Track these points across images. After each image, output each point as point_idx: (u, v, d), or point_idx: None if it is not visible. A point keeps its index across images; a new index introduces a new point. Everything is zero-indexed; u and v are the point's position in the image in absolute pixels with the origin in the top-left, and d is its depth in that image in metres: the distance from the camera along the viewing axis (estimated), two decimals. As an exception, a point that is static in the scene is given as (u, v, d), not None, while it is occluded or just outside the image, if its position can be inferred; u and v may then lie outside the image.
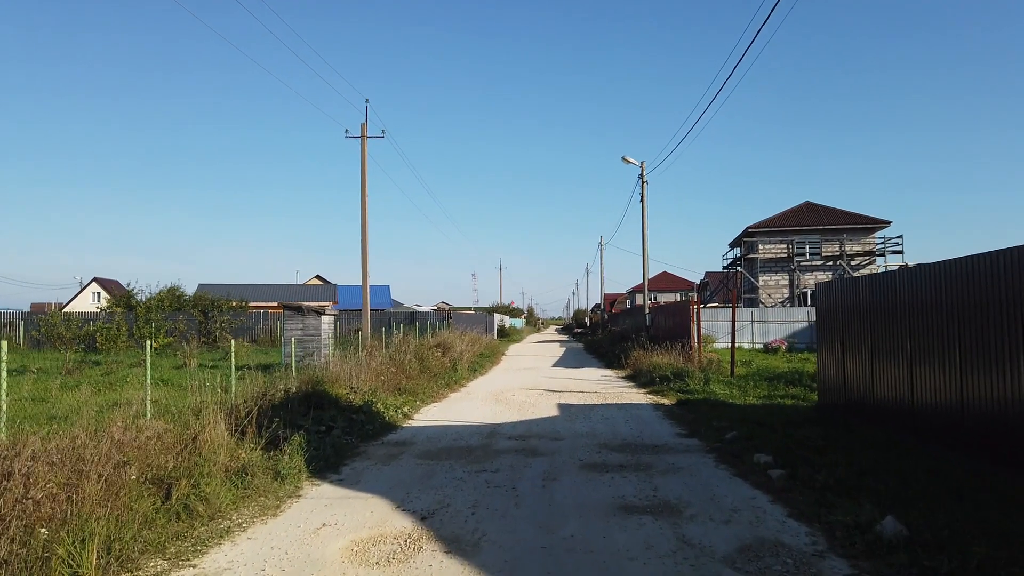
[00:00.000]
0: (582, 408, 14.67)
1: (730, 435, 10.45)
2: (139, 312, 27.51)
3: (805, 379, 17.75)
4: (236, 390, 11.80)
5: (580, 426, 12.13)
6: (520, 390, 18.36)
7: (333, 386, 12.88)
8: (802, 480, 7.57)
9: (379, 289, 72.20)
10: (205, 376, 17.29)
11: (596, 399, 16.34)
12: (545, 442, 10.57)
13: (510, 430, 11.79)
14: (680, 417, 13.27)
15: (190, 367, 24.86)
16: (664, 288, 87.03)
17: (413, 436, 11.25)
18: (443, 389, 18.04)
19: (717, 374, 18.81)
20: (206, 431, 8.48)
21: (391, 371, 16.33)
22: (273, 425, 9.41)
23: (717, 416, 12.68)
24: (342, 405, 12.03)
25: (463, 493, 7.43)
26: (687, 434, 11.31)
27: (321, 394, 11.99)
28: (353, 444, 10.29)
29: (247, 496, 7.22)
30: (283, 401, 11.46)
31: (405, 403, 14.45)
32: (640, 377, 20.74)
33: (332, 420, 11.04)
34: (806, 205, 47.86)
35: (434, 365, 19.79)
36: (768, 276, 45.79)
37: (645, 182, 31.12)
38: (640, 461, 9.06)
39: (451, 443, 10.58)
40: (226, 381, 12.10)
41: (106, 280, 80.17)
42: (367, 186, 28.67)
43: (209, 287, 52.99)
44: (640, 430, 11.68)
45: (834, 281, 12.67)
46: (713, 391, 16.52)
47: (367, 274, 29.73)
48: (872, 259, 44.79)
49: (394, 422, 12.48)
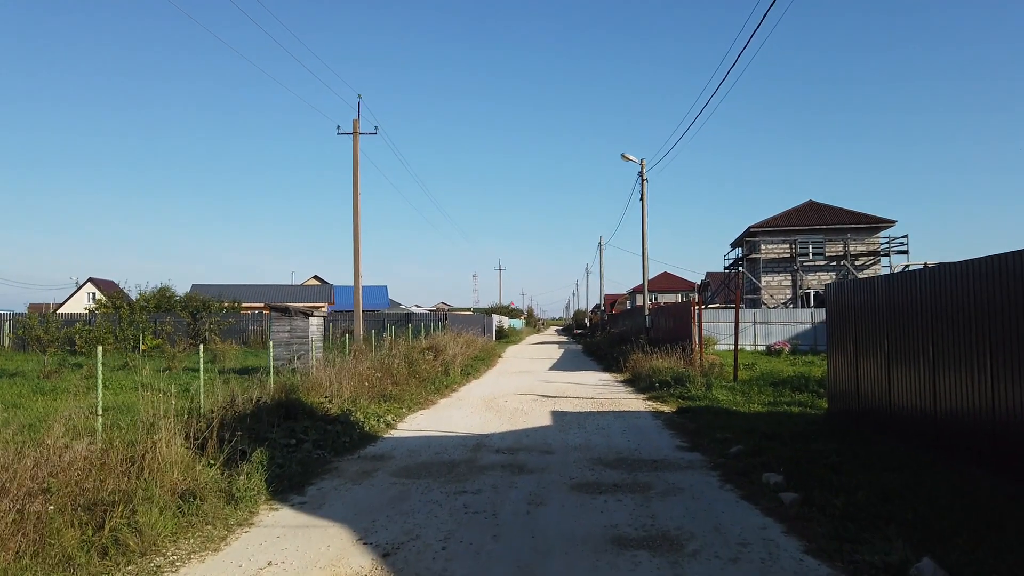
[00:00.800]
0: (577, 416, 13.83)
1: (735, 449, 9.60)
2: (123, 314, 26.69)
3: (812, 384, 16.91)
4: (206, 398, 10.98)
5: (573, 437, 11.29)
6: (513, 396, 17.53)
7: (309, 394, 12.05)
8: (818, 506, 6.72)
9: (376, 290, 71.36)
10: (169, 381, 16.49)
11: (592, 406, 15.50)
12: (534, 456, 9.73)
13: (498, 442, 10.95)
14: (681, 427, 12.43)
15: (175, 370, 24.10)
16: (665, 289, 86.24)
17: (392, 449, 10.41)
18: (433, 395, 17.20)
19: (719, 379, 17.96)
20: (157, 448, 7.66)
21: (377, 376, 15.49)
22: (235, 439, 8.59)
23: (721, 426, 11.84)
24: (318, 415, 11.19)
25: (436, 521, 6.59)
26: (689, 447, 10.46)
27: (295, 403, 11.15)
28: (325, 459, 9.45)
29: (192, 525, 6.38)
30: (253, 411, 10.63)
31: (389, 411, 13.61)
32: (639, 382, 19.90)
33: (305, 432, 10.20)
34: (809, 204, 46.99)
35: (424, 369, 18.95)
36: (770, 277, 44.92)
37: (645, 180, 30.28)
38: (637, 480, 8.21)
39: (432, 457, 9.73)
40: (214, 386, 11.31)
41: (101, 280, 79.29)
42: (359, 184, 27.87)
43: (202, 288, 52.21)
44: (638, 442, 10.84)
45: (847, 281, 11.84)
46: (716, 397, 15.68)
47: (359, 274, 28.92)
48: (876, 259, 43.92)
49: (375, 433, 11.64)
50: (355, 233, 27.67)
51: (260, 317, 38.01)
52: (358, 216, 27.67)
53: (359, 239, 27.73)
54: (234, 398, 10.15)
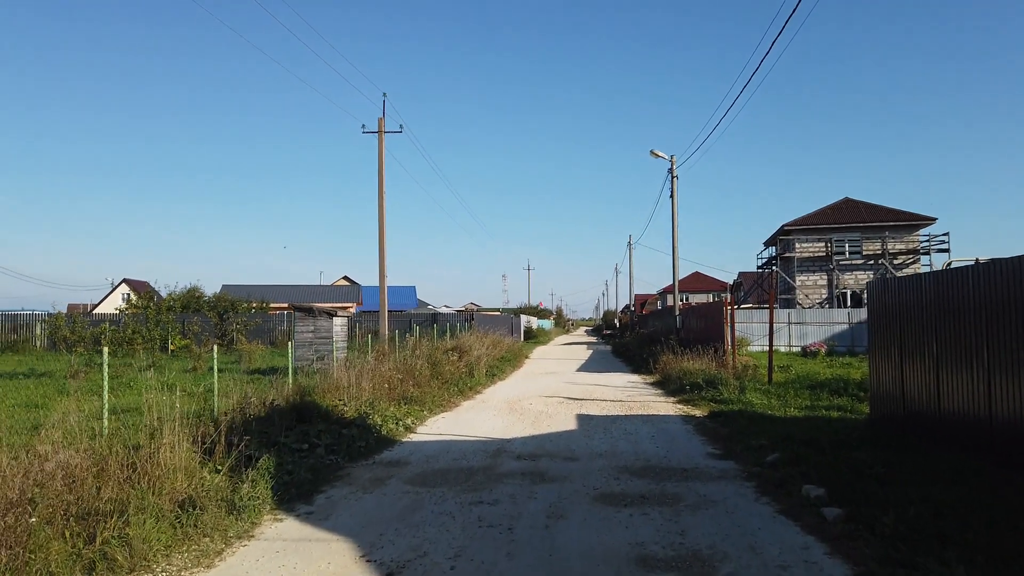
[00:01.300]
0: (603, 420, 13.30)
1: (772, 457, 9.00)
2: (149, 314, 26.73)
3: (851, 387, 16.14)
4: (223, 401, 10.68)
5: (599, 443, 10.77)
6: (538, 398, 17.03)
7: (325, 396, 11.69)
8: (865, 523, 6.13)
9: (404, 290, 71.34)
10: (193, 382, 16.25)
11: (619, 409, 14.94)
12: (557, 463, 9.23)
13: (520, 447, 10.47)
14: (713, 432, 11.83)
15: (200, 371, 24.03)
16: (696, 289, 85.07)
17: (409, 454, 9.99)
18: (455, 397, 16.78)
19: (753, 381, 17.26)
20: (160, 453, 7.33)
21: (398, 378, 15.11)
22: (243, 444, 8.24)
23: (755, 432, 11.23)
24: (333, 418, 10.81)
25: (448, 536, 6.12)
26: (721, 454, 9.87)
27: (310, 406, 10.79)
28: (337, 465, 9.06)
29: (188, 537, 5.99)
30: (266, 414, 10.30)
31: (409, 414, 13.21)
32: (669, 384, 19.26)
33: (319, 436, 9.82)
34: (845, 202, 45.74)
35: (447, 370, 18.55)
36: (805, 276, 43.78)
37: (675, 176, 29.56)
38: (665, 491, 7.67)
39: (450, 464, 9.29)
40: (230, 387, 11.02)
41: (135, 281, 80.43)
42: (384, 182, 27.66)
43: (232, 288, 52.51)
44: (667, 449, 10.28)
45: (891, 278, 11.13)
46: (749, 401, 15.03)
47: (384, 273, 28.71)
48: (916, 258, 42.57)
49: (392, 437, 11.24)
50: (380, 231, 27.46)
51: (287, 317, 38.01)
52: (383, 214, 27.45)
53: (384, 238, 27.51)
54: (245, 401, 9.82)
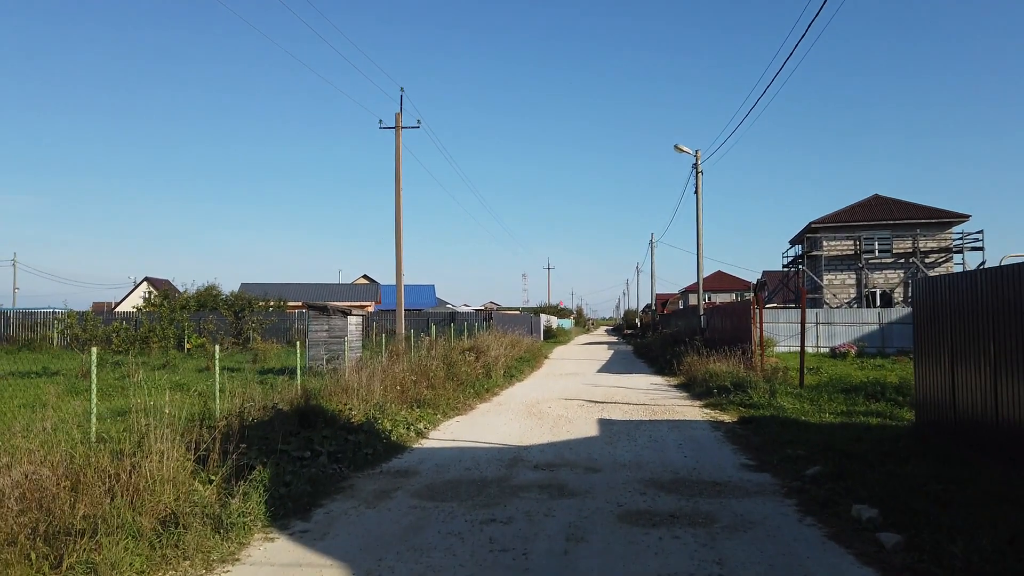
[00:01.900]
0: (626, 426, 12.57)
1: (813, 470, 8.23)
2: (163, 312, 26.40)
3: (888, 392, 15.25)
4: (229, 403, 10.12)
5: (622, 451, 10.04)
6: (558, 401, 16.33)
7: (331, 399, 11.08)
8: (930, 552, 5.37)
9: (423, 289, 70.89)
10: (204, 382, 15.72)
11: (644, 413, 14.20)
12: (577, 475, 8.52)
13: (537, 455, 9.78)
14: (744, 440, 11.06)
15: (213, 370, 23.61)
16: (719, 288, 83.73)
17: (419, 463, 9.34)
18: (471, 399, 16.12)
19: (784, 384, 16.42)
20: (147, 463, 6.75)
21: (411, 379, 14.49)
22: (238, 452, 7.64)
23: (790, 440, 10.45)
24: (339, 423, 10.19)
25: (454, 561, 5.45)
26: (756, 466, 9.11)
27: (315, 409, 10.17)
28: (341, 475, 8.42)
29: (165, 560, 5.38)
30: (269, 418, 9.71)
31: (422, 418, 12.57)
32: (695, 386, 18.46)
33: (323, 442, 9.19)
34: (874, 198, 44.47)
35: (464, 371, 17.89)
36: (833, 275, 42.60)
37: (700, 172, 28.68)
38: (698, 509, 6.94)
39: (462, 474, 8.62)
40: (238, 388, 10.49)
41: (157, 280, 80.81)
42: (401, 178, 27.10)
43: (250, 286, 52.38)
44: (696, 458, 9.53)
45: (942, 276, 10.28)
46: (781, 406, 14.21)
47: (401, 271, 28.22)
48: (949, 256, 41.23)
49: (402, 443, 10.60)
50: (397, 228, 26.91)
51: (304, 316, 37.64)
52: (400, 211, 26.89)
53: (401, 234, 26.96)
54: (243, 405, 9.23)
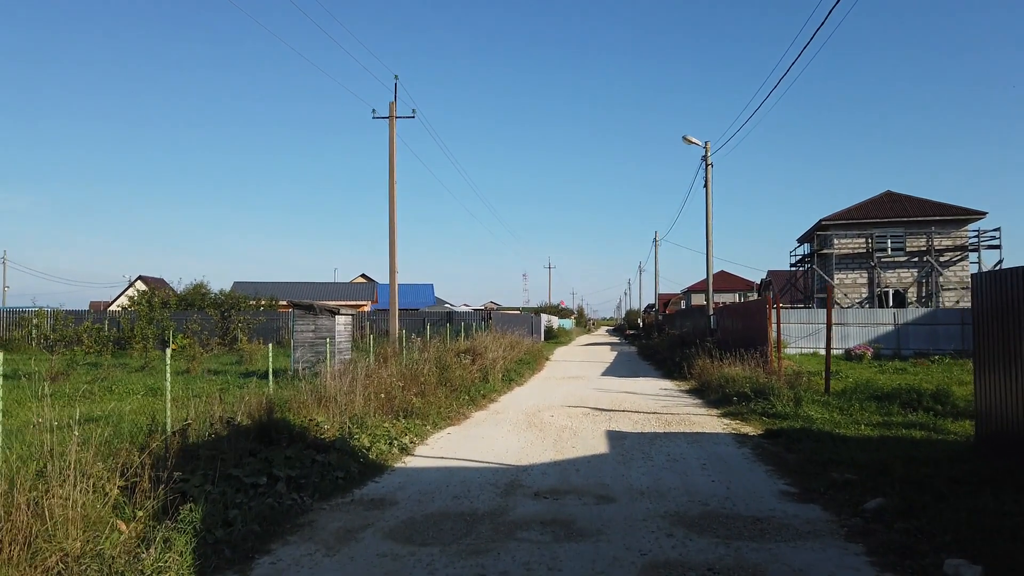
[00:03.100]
0: (639, 440, 11.12)
1: (873, 503, 6.78)
2: (142, 311, 24.98)
3: (925, 399, 13.80)
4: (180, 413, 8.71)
5: (638, 474, 8.59)
6: (560, 408, 14.89)
7: (300, 410, 9.62)
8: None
9: (422, 288, 69.44)
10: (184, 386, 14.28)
11: (657, 424, 12.76)
12: (587, 507, 7.08)
13: (539, 479, 8.34)
14: (777, 459, 9.60)
15: (194, 372, 22.17)
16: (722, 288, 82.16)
17: (399, 489, 7.89)
18: (466, 407, 14.67)
19: (809, 391, 14.95)
20: (46, 499, 5.34)
21: (399, 385, 13.05)
22: (174, 481, 6.21)
23: (832, 459, 9.02)
24: (308, 439, 8.73)
25: (427, 648, 4.02)
26: (799, 494, 7.65)
27: (279, 423, 8.71)
28: (301, 507, 6.97)
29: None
30: (226, 434, 8.28)
31: (408, 430, 11.14)
32: (709, 392, 17.02)
33: (286, 464, 7.74)
34: (887, 195, 42.99)
35: (458, 376, 16.45)
36: (844, 274, 41.13)
37: (710, 164, 27.24)
38: (742, 559, 5.49)
39: (448, 505, 7.18)
40: (208, 394, 9.08)
41: (151, 278, 79.49)
42: (396, 171, 25.66)
43: (243, 285, 50.94)
44: (727, 483, 8.08)
45: (1013, 268, 8.82)
46: (809, 415, 12.77)
47: (395, 268, 26.67)
48: (964, 254, 39.78)
49: (383, 462, 9.16)
50: (391, 221, 25.42)
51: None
52: (394, 204, 25.44)
53: (395, 228, 25.46)
54: (190, 418, 7.79)
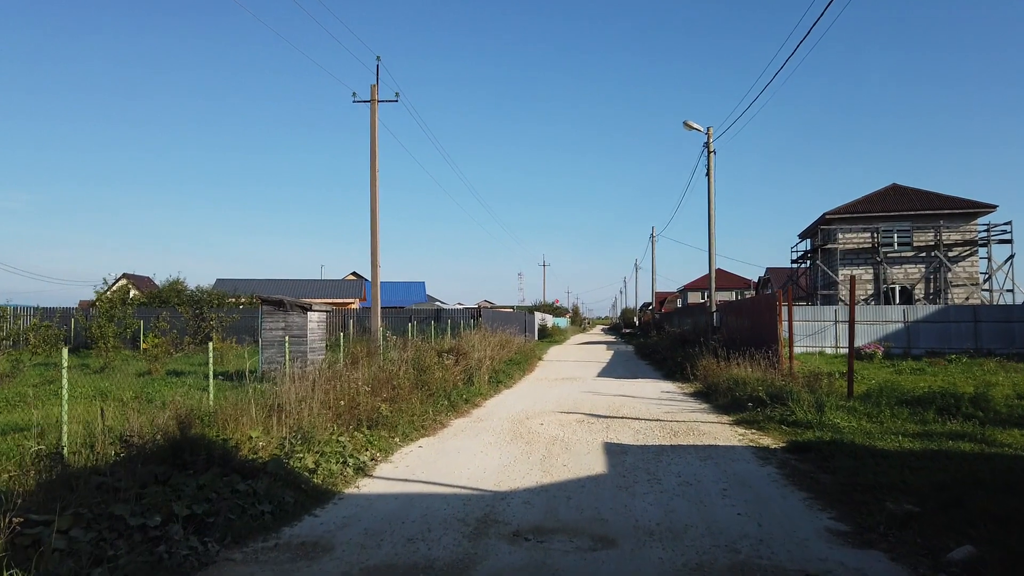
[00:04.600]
0: (643, 455, 9.44)
1: (960, 553, 5.12)
2: (102, 308, 23.21)
3: (964, 405, 12.19)
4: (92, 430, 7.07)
5: (645, 504, 6.90)
6: (551, 415, 13.20)
7: (227, 425, 7.90)
8: None
9: (413, 285, 67.68)
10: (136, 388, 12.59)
11: (662, 434, 11.08)
12: (580, 557, 5.38)
13: (520, 512, 6.64)
14: (811, 481, 7.91)
15: (156, 374, 20.44)
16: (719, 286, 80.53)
17: (341, 527, 6.18)
18: (444, 413, 12.96)
19: (832, 396, 13.25)
20: None
21: (364, 390, 11.35)
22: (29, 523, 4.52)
23: (880, 482, 7.39)
24: (234, 461, 7.02)
25: None
26: (851, 532, 5.96)
27: (197, 442, 6.98)
28: (201, 557, 5.25)
29: None
30: (131, 456, 6.59)
31: (370, 444, 9.44)
32: (716, 396, 15.34)
33: (197, 495, 6.03)
34: (893, 188, 41.43)
35: (438, 378, 14.73)
36: (849, 269, 39.53)
37: (712, 152, 25.59)
38: (802, 651, 3.82)
39: (397, 553, 5.47)
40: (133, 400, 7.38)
41: (136, 276, 77.74)
42: (378, 157, 23.86)
43: (226, 282, 49.17)
44: (757, 517, 6.40)
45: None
46: (835, 424, 11.12)
47: (377, 261, 24.89)
48: (973, 249, 38.24)
49: (328, 488, 7.45)
50: (372, 211, 23.62)
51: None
52: (376, 194, 23.66)
53: (377, 218, 23.65)
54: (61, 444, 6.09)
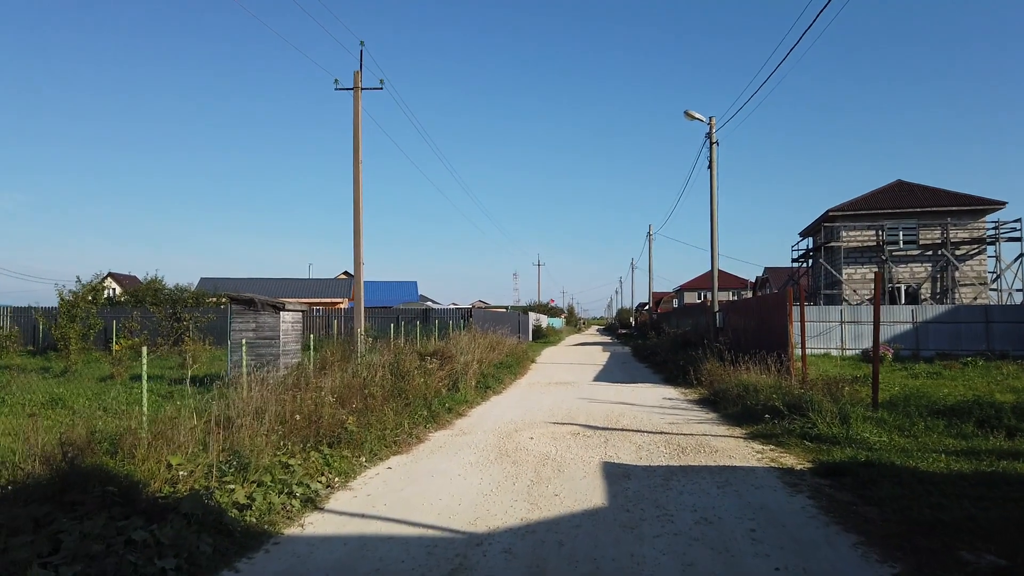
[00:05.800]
0: (649, 480, 8.03)
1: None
2: (62, 308, 21.78)
3: (1006, 416, 10.85)
4: None
5: (656, 555, 5.49)
6: (543, 426, 11.80)
7: (149, 448, 6.45)
8: None
9: (404, 285, 66.22)
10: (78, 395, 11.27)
11: (668, 451, 9.68)
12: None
13: (498, 566, 5.23)
14: (855, 517, 6.50)
15: (118, 378, 19.01)
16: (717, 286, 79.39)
17: (265, 589, 4.78)
18: (423, 425, 11.54)
19: (855, 404, 11.87)
20: None
21: (328, 400, 9.92)
22: None
23: (938, 518, 6.02)
24: (140, 498, 5.58)
25: None
26: (928, 600, 4.59)
27: (87, 475, 5.53)
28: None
29: None
30: (13, 492, 5.15)
31: (326, 467, 8.01)
32: (725, 404, 13.91)
33: (80, 547, 4.61)
34: (897, 184, 40.17)
35: (418, 384, 13.31)
36: (852, 268, 38.24)
37: (715, 143, 24.21)
38: None
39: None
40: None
41: (122, 275, 76.23)
42: (361, 147, 22.36)
43: (210, 281, 47.58)
44: (800, 573, 5.01)
45: None
46: (864, 439, 9.76)
47: (360, 259, 23.37)
48: (982, 247, 36.98)
49: (264, 528, 6.02)
50: (356, 203, 22.09)
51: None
52: (359, 186, 22.14)
53: (360, 212, 22.11)
54: None
